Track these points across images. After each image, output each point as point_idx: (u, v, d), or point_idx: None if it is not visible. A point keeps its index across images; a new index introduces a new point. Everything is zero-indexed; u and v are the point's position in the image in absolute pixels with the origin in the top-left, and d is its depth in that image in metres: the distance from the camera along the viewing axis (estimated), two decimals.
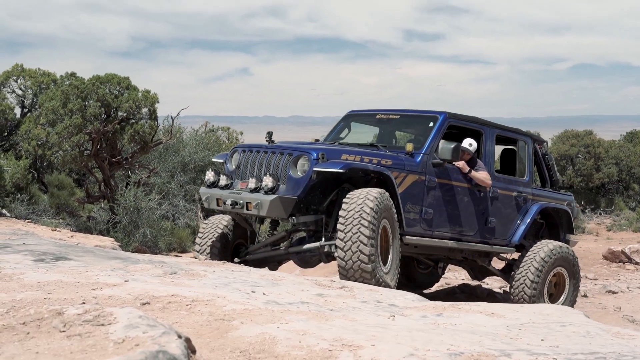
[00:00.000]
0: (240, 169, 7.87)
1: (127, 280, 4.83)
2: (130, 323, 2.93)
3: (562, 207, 9.89)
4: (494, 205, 8.95)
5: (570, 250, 9.30)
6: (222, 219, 8.41)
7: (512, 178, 9.39)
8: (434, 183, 8.16)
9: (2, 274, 4.73)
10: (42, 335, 2.95)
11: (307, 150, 7.37)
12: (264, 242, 8.27)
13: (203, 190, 8.00)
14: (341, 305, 5.10)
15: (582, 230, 22.75)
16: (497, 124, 9.34)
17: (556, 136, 30.37)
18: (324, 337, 3.79)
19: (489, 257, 9.53)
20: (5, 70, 16.72)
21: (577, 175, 28.31)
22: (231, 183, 7.83)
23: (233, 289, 5.08)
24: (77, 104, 12.54)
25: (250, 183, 7.44)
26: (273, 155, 7.57)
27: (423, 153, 8.13)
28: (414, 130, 8.96)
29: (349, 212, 6.89)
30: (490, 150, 9.07)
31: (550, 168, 10.26)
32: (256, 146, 7.85)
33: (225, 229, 8.33)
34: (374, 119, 9.43)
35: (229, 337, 3.69)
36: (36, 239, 7.05)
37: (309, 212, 7.62)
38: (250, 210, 7.34)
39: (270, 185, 7.26)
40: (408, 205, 7.87)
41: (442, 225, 8.35)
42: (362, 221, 6.80)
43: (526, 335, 4.50)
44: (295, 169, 7.33)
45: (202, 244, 8.27)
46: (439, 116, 8.49)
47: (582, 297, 11.85)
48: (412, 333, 4.15)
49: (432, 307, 5.61)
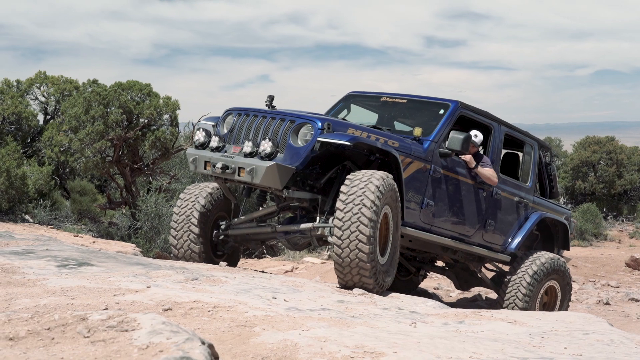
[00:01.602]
0: (234, 133, 7.11)
1: (149, 286, 4.86)
2: (154, 329, 2.94)
3: (560, 220, 9.37)
4: (494, 207, 8.43)
5: (564, 263, 8.80)
6: (204, 187, 7.69)
7: (515, 182, 8.86)
8: (439, 174, 7.62)
9: (26, 279, 4.77)
10: (67, 340, 2.97)
11: (311, 119, 6.72)
12: (249, 215, 7.58)
13: (190, 151, 7.22)
14: (362, 312, 5.10)
15: (605, 237, 22.57)
16: (508, 123, 8.80)
17: (578, 142, 30.20)
18: (345, 344, 3.78)
19: (482, 263, 8.96)
20: (28, 78, 16.90)
21: (599, 182, 28.11)
22: (223, 146, 7.06)
23: (254, 295, 5.09)
24: (99, 111, 12.65)
25: (245, 147, 6.73)
26: (273, 120, 6.86)
27: (431, 140, 7.58)
28: (421, 117, 8.16)
29: (350, 194, 6.33)
30: (498, 148, 8.54)
31: (552, 178, 9.78)
32: (254, 110, 7.11)
33: (207, 198, 7.57)
34: (376, 102, 8.68)
35: (250, 343, 3.70)
36: (59, 244, 7.10)
37: (305, 187, 7.02)
38: (241, 177, 6.65)
39: (268, 151, 6.56)
40: (410, 193, 7.30)
41: (442, 221, 7.79)
42: (365, 202, 6.24)
43: (549, 343, 4.47)
44: (296, 138, 6.67)
45: (181, 213, 7.55)
46: (450, 104, 7.98)
47: (604, 305, 11.74)
48: (434, 340, 4.14)
49: (454, 314, 5.59)
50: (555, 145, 35.09)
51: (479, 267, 8.98)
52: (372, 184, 6.32)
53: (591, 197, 28.11)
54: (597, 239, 22.26)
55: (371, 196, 6.25)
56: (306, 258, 14.57)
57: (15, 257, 5.59)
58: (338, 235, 6.29)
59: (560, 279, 8.75)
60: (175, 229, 7.52)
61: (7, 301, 4.01)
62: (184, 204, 7.59)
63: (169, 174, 14.86)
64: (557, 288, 8.78)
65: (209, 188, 7.65)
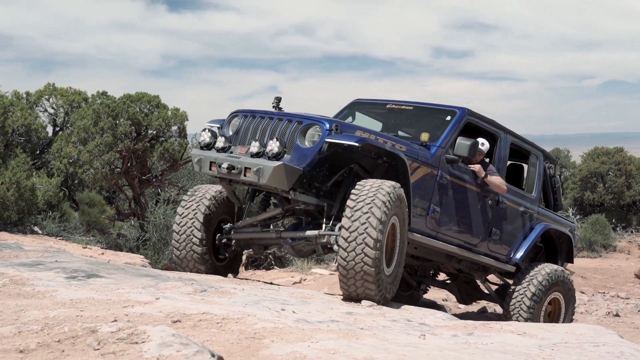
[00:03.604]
0: (240, 134, 7.02)
1: (158, 298, 4.86)
2: (164, 341, 2.94)
3: (565, 232, 9.27)
4: (500, 216, 8.33)
5: (568, 275, 8.71)
6: (208, 190, 7.55)
7: (521, 192, 8.79)
8: (446, 180, 7.55)
9: (35, 290, 4.78)
10: (77, 353, 2.97)
11: (319, 120, 6.66)
12: (253, 218, 7.42)
13: (195, 152, 7.10)
14: (371, 324, 5.09)
15: (614, 248, 22.47)
16: (514, 132, 8.74)
17: (586, 153, 30.12)
18: (354, 356, 3.77)
19: (486, 273, 8.80)
20: (37, 90, 16.99)
21: (607, 193, 28.02)
22: (229, 147, 6.94)
23: (263, 307, 5.08)
24: (108, 123, 12.70)
25: (252, 147, 6.62)
26: (280, 122, 6.79)
27: (438, 146, 7.52)
28: (428, 124, 8.05)
29: (358, 202, 6.25)
30: (504, 157, 8.47)
31: (556, 191, 9.62)
32: (260, 112, 7.04)
33: (211, 201, 7.44)
34: (382, 110, 8.61)
35: (259, 355, 3.69)
36: (68, 256, 7.11)
37: (311, 190, 6.92)
38: (247, 177, 6.53)
39: (276, 151, 6.46)
40: (416, 199, 7.19)
41: (448, 228, 7.70)
42: (373, 211, 6.15)
43: (559, 356, 4.45)
44: (304, 139, 6.59)
45: (184, 214, 7.42)
46: (457, 111, 7.93)
47: (614, 317, 11.68)
48: (444, 352, 4.13)
49: (463, 326, 5.58)
50: (564, 156, 35.00)
51: (483, 278, 8.86)
52: (381, 193, 6.26)
53: (600, 208, 28.01)
54: (606, 250, 22.17)
55: (380, 205, 6.19)
56: (314, 269, 14.56)
57: (25, 268, 5.61)
58: (344, 243, 6.22)
59: (564, 291, 8.66)
60: (177, 232, 7.41)
61: (16, 313, 4.02)
62: (187, 204, 7.48)
63: (177, 186, 14.88)
64: (560, 300, 8.69)
65: (212, 191, 7.53)
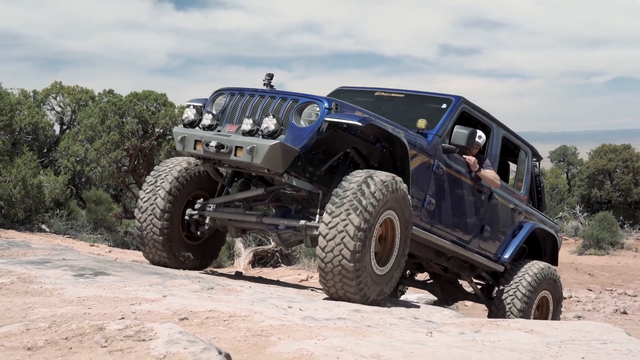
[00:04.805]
0: (227, 113, 6.37)
1: (165, 295, 4.87)
2: (171, 339, 2.95)
3: (551, 232, 8.91)
4: (491, 212, 7.93)
5: (556, 272, 8.44)
6: (182, 161, 6.85)
7: (511, 188, 8.41)
8: (442, 170, 7.11)
9: (43, 288, 4.80)
10: (85, 350, 2.98)
11: (317, 98, 6.11)
12: (231, 196, 6.77)
13: (178, 130, 6.47)
14: (378, 322, 5.09)
15: (621, 246, 22.43)
16: (506, 126, 8.30)
17: (594, 150, 30.07)
18: (361, 353, 3.77)
19: (474, 272, 8.29)
20: (45, 88, 17.05)
21: (615, 190, 27.98)
22: (216, 124, 6.31)
23: (270, 305, 5.09)
24: (114, 121, 12.75)
25: (245, 125, 6.03)
26: (272, 99, 6.20)
27: (435, 134, 7.07)
28: (421, 113, 7.42)
29: (340, 197, 5.75)
30: (496, 151, 8.04)
31: (541, 190, 9.23)
32: (250, 90, 6.42)
33: (181, 172, 6.74)
34: (369, 98, 7.92)
35: (266, 353, 3.70)
36: (75, 254, 7.13)
37: (305, 174, 6.32)
38: (238, 157, 5.93)
39: (272, 128, 5.90)
40: (413, 188, 6.71)
41: (442, 221, 7.25)
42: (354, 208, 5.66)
43: (566, 353, 4.44)
44: (300, 118, 6.03)
45: (150, 182, 6.75)
46: (453, 99, 7.49)
47: (621, 314, 11.66)
48: (451, 350, 4.12)
49: (470, 323, 5.57)
50: (571, 154, 34.93)
51: (471, 277, 8.37)
52: (367, 186, 5.76)
53: (607, 206, 27.96)
54: (613, 248, 22.13)
55: (363, 201, 5.70)
56: None
57: (33, 266, 5.62)
58: (322, 241, 5.75)
59: (553, 290, 8.40)
60: (139, 209, 6.73)
61: (24, 310, 4.03)
62: (156, 173, 6.82)
63: None
64: (549, 299, 8.42)
65: (185, 162, 6.82)
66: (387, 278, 6.14)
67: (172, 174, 6.68)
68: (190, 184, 6.77)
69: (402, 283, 9.07)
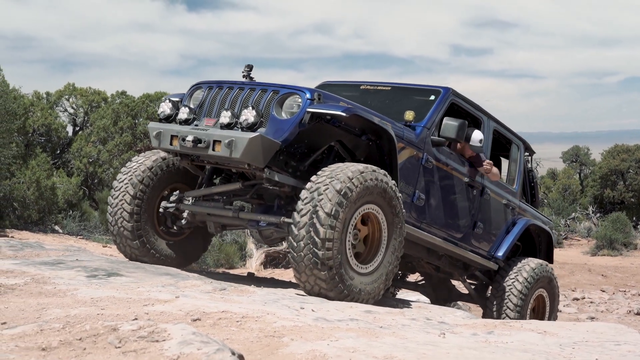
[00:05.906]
0: (205, 107, 6.15)
1: (178, 296, 4.88)
2: (184, 339, 2.96)
3: (546, 228, 8.64)
4: (484, 208, 7.68)
5: (552, 269, 8.19)
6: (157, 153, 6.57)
7: (503, 183, 8.14)
8: (431, 164, 6.85)
9: (56, 289, 4.82)
10: (98, 351, 3.00)
11: (299, 89, 5.85)
12: (208, 189, 6.48)
13: (154, 125, 6.22)
14: (390, 323, 5.08)
15: (634, 246, 22.34)
16: (497, 119, 8.02)
17: (606, 151, 29.96)
18: (374, 354, 3.77)
19: (467, 271, 7.98)
20: (57, 90, 17.14)
21: (628, 191, 27.85)
22: (193, 119, 6.10)
23: (282, 306, 5.09)
24: (127, 122, 12.81)
25: (223, 117, 5.80)
26: (252, 91, 5.97)
27: (423, 126, 6.80)
28: (409, 105, 7.18)
29: (311, 192, 5.51)
30: (487, 145, 7.69)
31: (534, 186, 8.92)
32: (228, 82, 6.21)
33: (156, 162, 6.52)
34: (355, 92, 7.64)
35: (279, 353, 3.70)
36: (88, 255, 7.16)
37: (287, 169, 6.08)
38: (216, 152, 5.68)
39: (252, 120, 5.66)
40: (402, 183, 6.45)
41: (433, 217, 6.97)
42: (323, 202, 5.40)
43: (580, 355, 4.43)
44: (281, 110, 5.78)
45: (124, 172, 6.52)
46: (441, 90, 7.24)
47: (635, 315, 11.60)
48: (464, 351, 4.11)
49: (483, 324, 5.56)
50: (584, 154, 34.81)
51: (464, 276, 8.08)
52: (338, 181, 5.48)
53: (620, 206, 27.84)
54: (626, 248, 22.04)
55: (338, 185, 5.44)
56: None
57: (46, 267, 5.65)
58: (293, 230, 5.51)
59: (549, 287, 8.18)
60: (110, 205, 6.48)
61: (38, 311, 4.06)
62: (130, 164, 6.58)
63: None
64: (545, 297, 8.20)
65: (157, 155, 6.57)
66: (375, 277, 5.88)
67: (145, 164, 6.46)
68: (166, 176, 6.57)
69: (393, 285, 8.60)
